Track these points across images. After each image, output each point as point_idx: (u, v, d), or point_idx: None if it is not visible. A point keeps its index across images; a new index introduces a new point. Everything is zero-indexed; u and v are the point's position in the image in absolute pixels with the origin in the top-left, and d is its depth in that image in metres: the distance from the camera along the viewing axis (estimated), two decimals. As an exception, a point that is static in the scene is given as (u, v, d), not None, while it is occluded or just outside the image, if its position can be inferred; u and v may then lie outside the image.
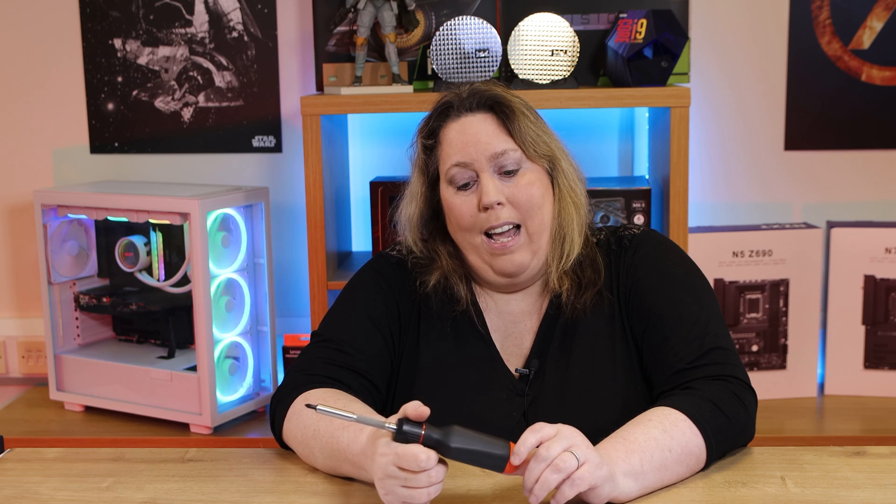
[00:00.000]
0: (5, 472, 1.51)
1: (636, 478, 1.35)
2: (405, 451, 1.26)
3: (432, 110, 1.65)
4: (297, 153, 2.80)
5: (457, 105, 1.61)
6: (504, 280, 1.61)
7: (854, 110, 2.74)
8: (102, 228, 2.69)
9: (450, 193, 1.60)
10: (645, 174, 2.76)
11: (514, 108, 1.60)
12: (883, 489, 1.38)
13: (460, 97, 1.62)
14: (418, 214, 1.65)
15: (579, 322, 1.61)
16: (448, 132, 1.61)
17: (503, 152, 1.57)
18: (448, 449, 1.27)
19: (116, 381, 2.59)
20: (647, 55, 2.41)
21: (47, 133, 2.88)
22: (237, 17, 2.78)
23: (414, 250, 1.67)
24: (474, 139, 1.58)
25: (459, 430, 1.28)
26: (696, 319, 1.55)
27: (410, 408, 1.28)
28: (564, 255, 1.60)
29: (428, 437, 1.27)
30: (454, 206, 1.59)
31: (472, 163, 1.57)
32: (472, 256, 1.61)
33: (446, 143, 1.61)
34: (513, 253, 1.57)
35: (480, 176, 1.57)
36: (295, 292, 2.86)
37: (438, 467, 1.27)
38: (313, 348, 1.61)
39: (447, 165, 1.60)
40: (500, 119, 1.59)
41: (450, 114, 1.62)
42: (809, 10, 2.70)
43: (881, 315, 2.69)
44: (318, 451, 1.45)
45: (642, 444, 1.37)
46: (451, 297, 1.64)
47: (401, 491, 1.27)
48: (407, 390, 1.62)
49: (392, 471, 1.27)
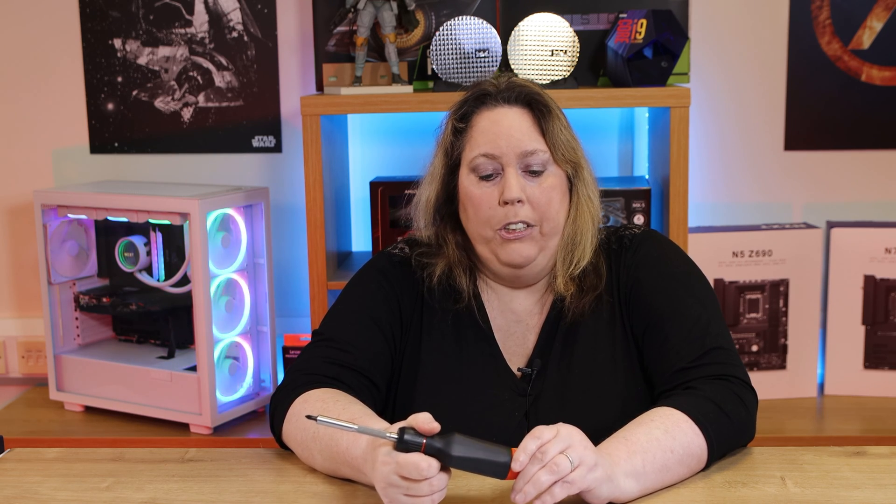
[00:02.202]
0: (5, 472, 1.51)
1: (637, 478, 1.35)
2: (406, 459, 1.25)
3: (468, 94, 1.62)
4: (297, 153, 2.80)
5: (494, 94, 1.60)
6: (509, 271, 1.61)
7: (854, 110, 2.74)
8: (102, 228, 2.69)
9: (471, 182, 1.58)
10: (645, 174, 2.76)
11: (552, 109, 1.59)
12: (883, 489, 1.38)
13: (498, 87, 1.60)
14: (435, 196, 1.64)
15: (580, 323, 1.61)
16: (481, 120, 1.59)
17: (533, 152, 1.56)
18: (449, 457, 1.26)
19: (116, 381, 2.59)
20: (647, 55, 2.41)
21: (47, 133, 2.88)
22: (237, 17, 2.78)
23: (422, 236, 1.66)
24: (507, 132, 1.56)
25: (461, 439, 1.27)
26: (696, 319, 1.55)
27: (421, 419, 1.27)
28: (574, 263, 1.60)
29: (429, 447, 1.26)
30: (473, 195, 1.58)
31: (501, 156, 1.56)
32: (480, 246, 1.61)
33: (477, 131, 1.58)
34: (522, 243, 1.57)
35: (506, 170, 1.56)
36: (295, 292, 2.86)
37: (441, 475, 1.26)
38: (313, 347, 1.61)
39: (474, 153, 1.58)
40: (536, 117, 1.58)
41: (486, 101, 1.60)
42: (809, 10, 2.70)
43: (881, 315, 2.69)
44: (318, 454, 1.45)
45: (644, 444, 1.37)
46: (455, 290, 1.63)
47: (404, 500, 1.26)
48: (408, 389, 1.62)
49: (394, 479, 1.26)
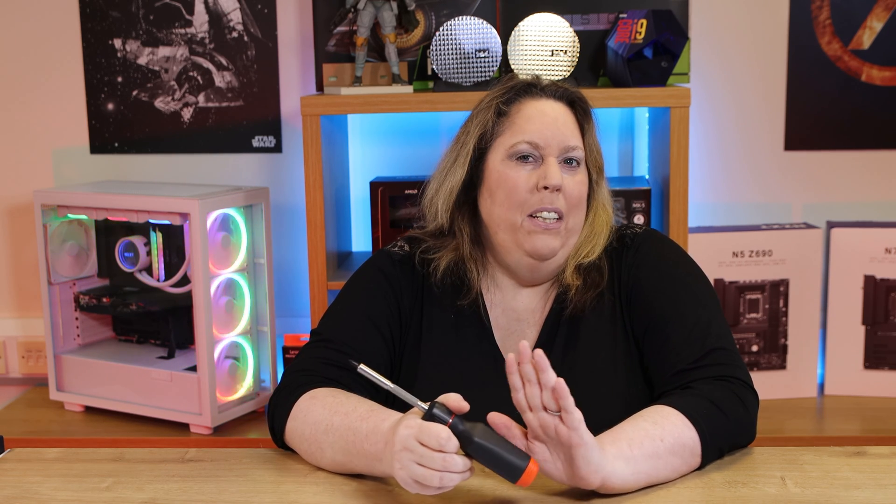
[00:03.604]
0: (5, 472, 1.51)
1: (627, 462, 1.34)
2: (428, 427, 1.27)
3: (513, 84, 1.65)
4: (297, 153, 2.80)
5: (539, 86, 1.64)
6: (528, 262, 1.61)
7: (854, 110, 2.74)
8: (102, 228, 2.69)
9: (507, 166, 1.59)
10: (645, 174, 2.76)
11: (591, 112, 1.64)
12: (883, 489, 1.38)
13: (541, 82, 1.65)
14: (461, 181, 1.64)
15: (581, 322, 1.61)
16: (526, 108, 1.61)
17: (574, 147, 1.60)
18: (471, 442, 1.28)
19: (116, 381, 2.59)
20: (647, 55, 2.41)
21: (47, 133, 2.88)
22: (237, 17, 2.78)
23: (433, 226, 1.67)
24: (553, 123, 1.59)
25: (486, 429, 1.30)
26: (697, 319, 1.55)
27: (453, 398, 1.30)
28: (583, 255, 1.62)
29: (454, 426, 1.28)
30: (509, 177, 1.58)
31: (545, 147, 1.58)
32: (503, 234, 1.60)
33: (522, 118, 1.60)
34: (550, 236, 1.58)
35: (546, 159, 1.58)
36: (295, 292, 2.86)
37: (457, 459, 1.27)
38: (312, 348, 1.61)
39: (517, 139, 1.59)
40: (578, 116, 1.62)
41: (531, 92, 1.63)
42: (809, 10, 2.71)
43: (881, 315, 2.69)
44: (329, 447, 1.44)
45: (630, 433, 1.38)
46: (460, 286, 1.64)
47: (414, 468, 1.27)
48: (408, 388, 1.61)
49: (411, 444, 1.27)
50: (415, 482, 1.28)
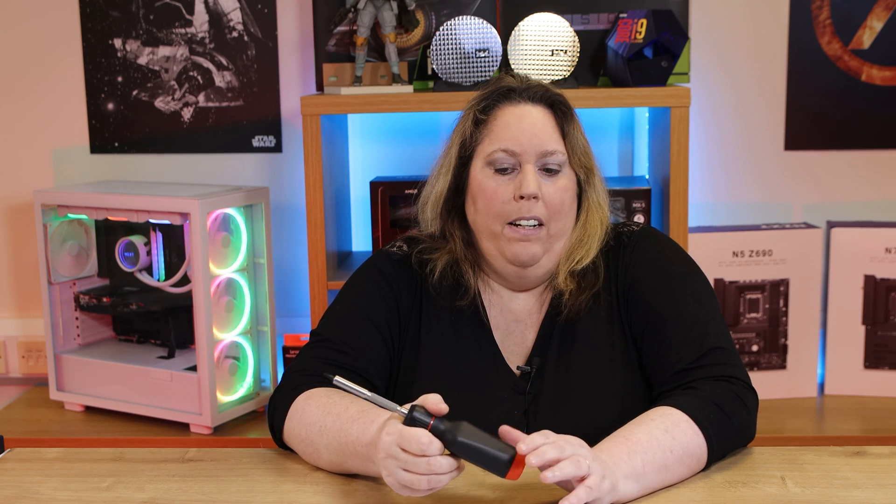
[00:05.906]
0: (5, 472, 1.51)
1: (637, 479, 1.35)
2: (409, 432, 1.26)
3: (492, 88, 1.63)
4: (297, 153, 2.80)
5: (518, 91, 1.61)
6: (513, 270, 1.61)
7: (854, 110, 2.74)
8: (102, 228, 2.69)
9: (485, 175, 1.59)
10: (645, 174, 2.76)
11: (572, 113, 1.61)
12: (883, 489, 1.38)
13: (521, 85, 1.62)
14: (447, 188, 1.64)
15: (578, 321, 1.61)
16: (504, 114, 1.60)
17: (553, 152, 1.58)
18: (454, 442, 1.27)
19: (116, 381, 2.59)
20: (647, 55, 2.41)
21: (47, 133, 2.88)
22: (237, 17, 2.78)
23: (425, 232, 1.67)
24: (530, 130, 1.57)
25: (468, 427, 1.28)
26: (695, 319, 1.55)
27: (431, 400, 1.29)
28: (577, 260, 1.61)
29: (436, 427, 1.27)
30: (487, 188, 1.58)
31: (521, 153, 1.57)
32: (486, 242, 1.61)
33: (499, 125, 1.59)
34: (531, 242, 1.57)
35: (524, 167, 1.57)
36: (295, 292, 2.86)
37: (442, 460, 1.26)
38: (311, 348, 1.61)
39: (493, 147, 1.58)
40: (558, 119, 1.60)
41: (509, 97, 1.61)
42: (809, 10, 2.70)
43: (881, 315, 2.69)
44: (324, 448, 1.45)
45: (644, 444, 1.37)
46: (457, 287, 1.63)
47: (401, 474, 1.27)
48: (407, 388, 1.62)
49: (394, 451, 1.27)
50: (403, 487, 1.28)
